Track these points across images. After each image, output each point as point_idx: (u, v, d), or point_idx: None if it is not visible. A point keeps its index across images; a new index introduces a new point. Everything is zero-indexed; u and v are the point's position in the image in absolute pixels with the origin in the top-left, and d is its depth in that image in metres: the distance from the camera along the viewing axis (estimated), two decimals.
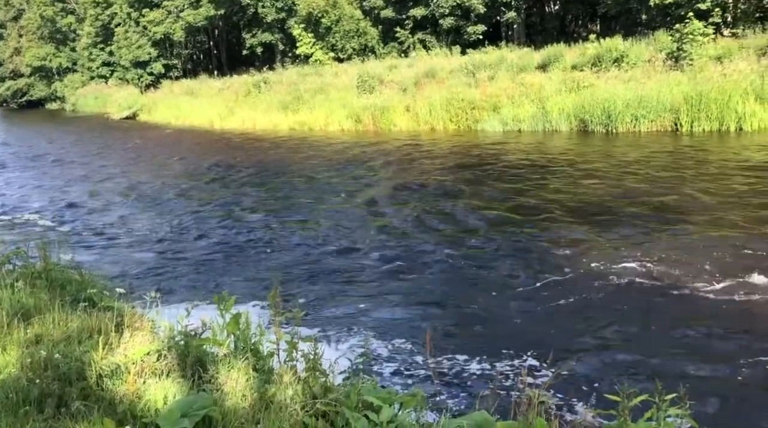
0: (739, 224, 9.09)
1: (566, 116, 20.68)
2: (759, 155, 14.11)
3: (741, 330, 5.87)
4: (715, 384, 4.94)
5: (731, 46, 21.72)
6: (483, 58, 29.00)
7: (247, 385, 3.50)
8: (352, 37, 40.24)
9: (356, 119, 26.86)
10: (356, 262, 8.85)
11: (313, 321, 6.57)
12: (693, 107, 18.11)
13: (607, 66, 23.14)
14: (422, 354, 5.57)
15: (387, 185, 14.62)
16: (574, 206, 11.04)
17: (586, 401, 3.97)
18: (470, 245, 9.26)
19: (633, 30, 29.17)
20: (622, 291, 7.01)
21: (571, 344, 5.58)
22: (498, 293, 7.29)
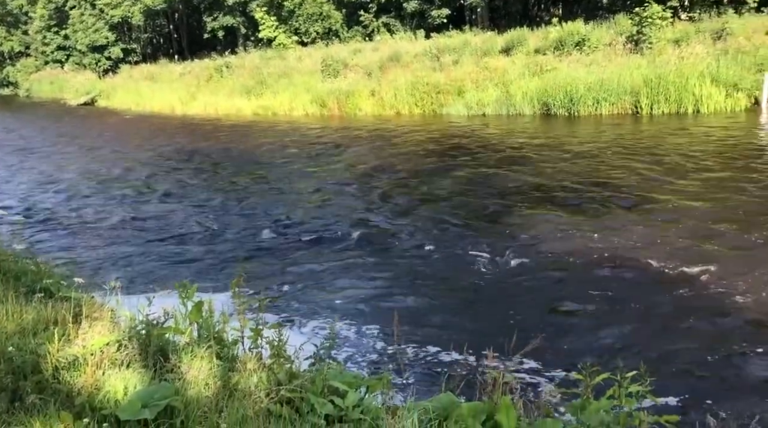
0: (697, 204, 9.30)
1: (530, 100, 20.85)
2: (715, 137, 14.45)
3: (700, 308, 6.02)
4: (676, 360, 5.07)
5: (688, 29, 22.13)
6: (447, 42, 28.96)
7: (210, 373, 3.45)
8: (316, 21, 39.75)
9: (321, 104, 26.63)
10: (322, 247, 8.80)
11: (278, 306, 6.52)
12: (652, 89, 18.45)
13: (569, 50, 23.36)
14: (389, 337, 5.58)
15: (353, 169, 14.55)
16: (538, 188, 11.16)
17: (550, 380, 4.04)
18: (436, 229, 9.29)
19: (594, 14, 29.48)
20: (585, 272, 7.13)
21: (536, 324, 5.65)
22: (464, 275, 7.33)
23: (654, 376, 3.12)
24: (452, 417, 3.19)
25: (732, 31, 20.80)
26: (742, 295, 6.16)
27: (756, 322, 5.61)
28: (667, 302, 6.20)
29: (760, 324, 5.57)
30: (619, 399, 2.91)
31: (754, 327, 5.55)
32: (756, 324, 5.59)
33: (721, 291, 6.30)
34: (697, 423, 3.18)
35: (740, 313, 5.83)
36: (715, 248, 7.42)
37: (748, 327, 5.55)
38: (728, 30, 20.91)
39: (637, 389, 2.94)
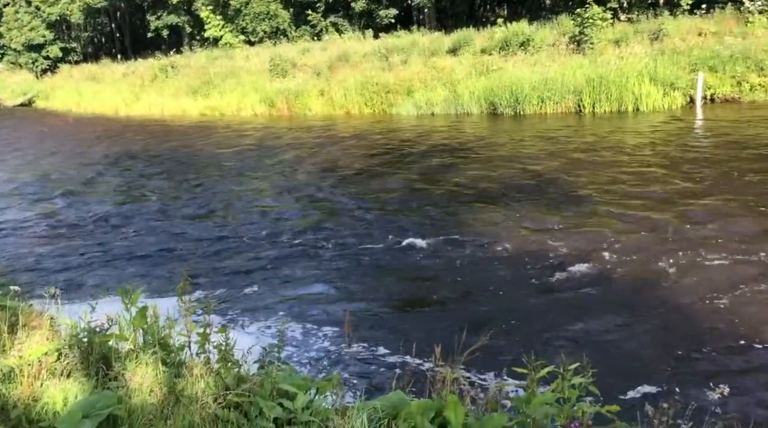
0: (638, 200, 9.62)
1: (477, 99, 21.14)
2: (653, 134, 14.97)
3: (643, 300, 6.23)
4: (618, 352, 5.23)
5: (627, 30, 22.86)
6: (395, 41, 29.10)
7: (156, 380, 3.38)
8: (263, 20, 39.29)
9: (270, 104, 26.37)
10: (270, 248, 8.71)
11: (227, 309, 6.43)
12: (594, 89, 18.97)
13: (514, 50, 23.81)
14: (341, 337, 5.58)
15: (302, 169, 14.46)
16: (486, 186, 11.34)
17: (498, 375, 4.12)
18: (386, 228, 9.32)
19: (538, 15, 30.13)
20: (534, 268, 7.28)
21: (486, 320, 5.75)
22: (414, 273, 7.39)
23: (597, 368, 3.22)
24: (401, 415, 3.21)
25: (668, 32, 21.62)
26: (685, 287, 6.41)
27: (699, 314, 5.84)
28: (612, 295, 6.39)
29: (704, 317, 5.80)
30: (562, 391, 2.98)
31: (697, 318, 5.78)
32: (699, 316, 5.82)
33: (665, 284, 6.54)
34: (638, 413, 3.28)
35: (683, 305, 6.05)
36: (657, 240, 7.68)
37: (691, 319, 5.77)
38: (664, 31, 21.72)
39: (579, 381, 3.01)
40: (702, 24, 21.97)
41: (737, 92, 18.25)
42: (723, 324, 5.55)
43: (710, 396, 3.01)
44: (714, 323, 5.60)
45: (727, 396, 3.20)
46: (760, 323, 5.51)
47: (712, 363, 4.88)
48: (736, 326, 5.50)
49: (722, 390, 3.20)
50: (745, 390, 4.38)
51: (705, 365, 4.85)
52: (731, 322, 5.58)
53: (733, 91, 18.31)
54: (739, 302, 5.95)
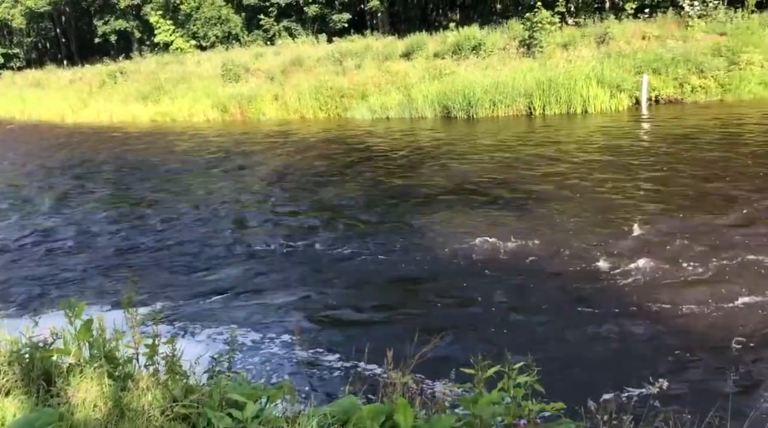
0: (588, 199, 9.87)
1: (430, 103, 21.33)
2: (601, 135, 15.37)
3: (593, 299, 6.39)
4: (566, 350, 5.36)
5: (575, 34, 23.46)
6: (349, 46, 29.15)
7: (100, 395, 3.30)
8: (215, 25, 38.82)
9: (222, 109, 26.05)
10: (219, 255, 8.60)
11: (176, 319, 6.32)
12: (544, 91, 19.36)
13: (466, 54, 24.15)
14: (292, 344, 5.55)
15: (255, 174, 14.32)
16: (440, 188, 11.44)
17: (447, 377, 4.15)
18: (340, 232, 9.32)
19: (489, 19, 30.60)
20: (486, 268, 7.37)
21: (436, 324, 5.81)
22: (367, 277, 7.40)
23: (543, 366, 3.29)
24: (352, 420, 3.22)
25: (613, 36, 22.27)
26: (631, 284, 6.59)
27: (643, 311, 6.02)
28: (559, 294, 6.53)
29: (646, 313, 5.98)
30: (509, 391, 3.03)
31: (640, 315, 5.95)
32: (642, 313, 6.00)
33: (612, 282, 6.71)
34: (586, 409, 3.36)
35: (628, 302, 6.23)
36: (605, 238, 7.89)
37: (633, 316, 5.95)
38: (610, 35, 22.37)
39: (525, 379, 3.07)
40: (646, 28, 22.71)
41: (680, 94, 18.92)
42: (665, 320, 5.74)
43: (650, 390, 3.10)
44: (656, 319, 5.78)
45: (666, 389, 3.30)
46: (702, 318, 5.71)
47: (653, 358, 5.04)
48: (678, 321, 5.70)
49: (661, 384, 3.32)
50: (684, 383, 4.54)
51: (646, 360, 5.00)
52: (673, 318, 5.77)
53: (676, 92, 18.97)
54: (681, 296, 6.16)
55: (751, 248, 7.19)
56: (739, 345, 5.14)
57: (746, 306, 5.84)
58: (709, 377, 4.56)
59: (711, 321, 5.62)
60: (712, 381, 4.45)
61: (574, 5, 28.18)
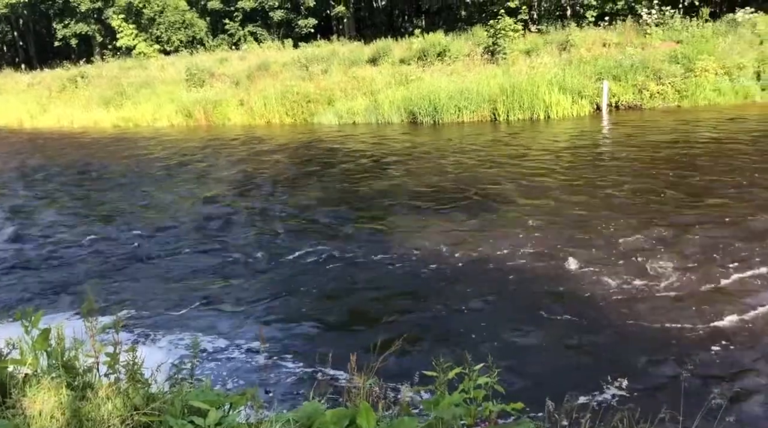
0: (549, 202, 10.04)
1: (397, 109, 21.45)
2: (564, 140, 15.68)
3: (553, 303, 6.50)
4: (526, 353, 5.45)
5: (537, 41, 23.89)
6: (315, 51, 29.15)
7: (58, 405, 3.24)
8: (179, 29, 38.41)
9: (187, 114, 25.76)
10: (183, 261, 8.50)
11: (138, 327, 6.23)
12: (508, 97, 19.66)
13: (431, 60, 24.38)
14: (256, 351, 5.52)
15: (219, 180, 14.19)
16: (406, 193, 11.51)
17: (410, 380, 4.20)
18: (306, 237, 9.30)
19: (454, 25, 30.98)
20: (453, 271, 7.44)
21: (400, 328, 5.84)
22: (330, 284, 7.38)
23: (503, 367, 3.36)
24: (315, 425, 3.23)
25: (575, 43, 22.75)
26: (591, 287, 6.74)
27: (603, 313, 6.15)
28: (525, 298, 6.63)
29: (606, 315, 6.11)
30: (469, 392, 3.08)
31: (600, 317, 6.09)
32: (602, 314, 6.14)
33: (572, 285, 6.85)
34: (546, 409, 3.42)
35: (587, 305, 6.36)
36: (571, 242, 8.04)
37: (593, 319, 6.08)
38: (571, 42, 22.85)
39: (485, 380, 3.13)
40: (606, 35, 23.27)
41: (639, 100, 19.42)
42: (624, 321, 5.88)
43: (608, 390, 3.18)
44: (616, 320, 5.92)
45: (625, 389, 3.39)
46: (660, 320, 5.87)
47: (612, 360, 5.16)
48: (637, 325, 5.84)
49: (620, 383, 3.41)
50: (642, 383, 4.66)
51: (604, 361, 5.12)
52: (632, 318, 5.92)
53: (635, 98, 19.46)
54: (639, 298, 6.32)
55: (713, 249, 7.42)
56: (692, 347, 5.30)
57: (704, 307, 6.02)
58: (664, 377, 4.68)
59: (668, 323, 5.78)
60: (667, 380, 4.57)
61: (537, 13, 28.71)
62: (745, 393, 4.35)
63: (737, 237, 7.73)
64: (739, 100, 18.82)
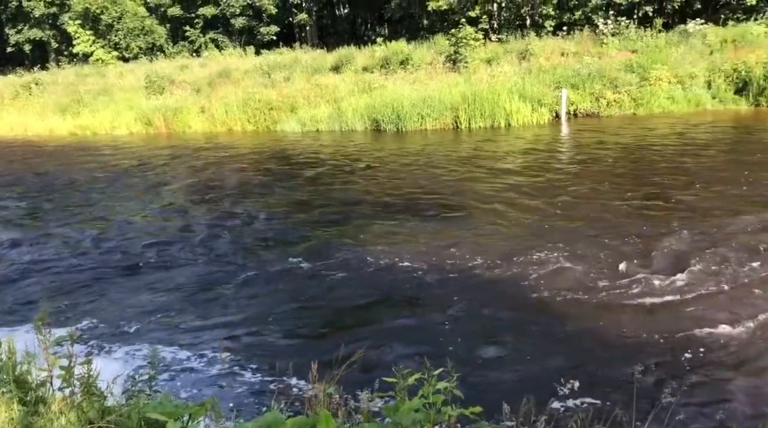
0: (509, 209, 10.19)
1: (360, 116, 21.52)
2: (524, 147, 15.94)
3: (511, 308, 6.60)
4: (484, 357, 5.52)
5: (498, 50, 24.29)
6: (278, 59, 29.07)
7: (8, 421, 3.16)
8: (138, 36, 37.83)
9: (146, 122, 25.36)
10: (141, 272, 8.35)
11: (94, 339, 6.09)
12: (469, 105, 19.91)
13: (394, 68, 24.55)
14: (217, 361, 5.46)
15: (179, 189, 14.00)
16: (369, 200, 11.53)
17: (370, 387, 4.22)
18: (265, 246, 9.23)
19: (416, 34, 31.26)
20: (414, 278, 7.48)
21: (361, 336, 5.85)
22: (291, 293, 7.34)
23: (465, 372, 3.40)
24: None
25: (534, 52, 23.21)
26: (548, 291, 6.86)
27: (562, 318, 6.27)
28: (484, 303, 6.70)
29: (562, 318, 6.23)
30: (428, 397, 3.11)
31: (556, 320, 6.21)
32: (558, 317, 6.25)
33: (536, 290, 6.96)
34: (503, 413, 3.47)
35: (545, 308, 6.48)
36: (530, 245, 8.17)
37: (548, 322, 6.19)
38: (531, 51, 23.30)
39: (444, 385, 3.16)
40: (564, 45, 23.81)
41: (596, 107, 19.89)
42: (581, 326, 6.01)
43: (561, 390, 3.25)
44: (573, 325, 6.04)
45: (577, 390, 3.47)
46: (615, 324, 6.01)
47: (569, 363, 5.26)
48: (592, 326, 5.98)
49: (573, 384, 3.48)
50: (597, 385, 4.77)
51: (561, 364, 5.22)
52: (588, 323, 6.05)
53: (593, 106, 19.93)
54: (595, 303, 6.47)
55: (671, 253, 7.63)
56: (645, 350, 5.45)
57: (658, 312, 6.19)
58: (618, 379, 4.80)
59: (623, 327, 5.92)
60: (621, 382, 4.69)
61: (497, 22, 29.18)
62: (694, 392, 4.49)
63: (693, 240, 7.97)
64: (691, 108, 19.45)
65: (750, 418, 3.98)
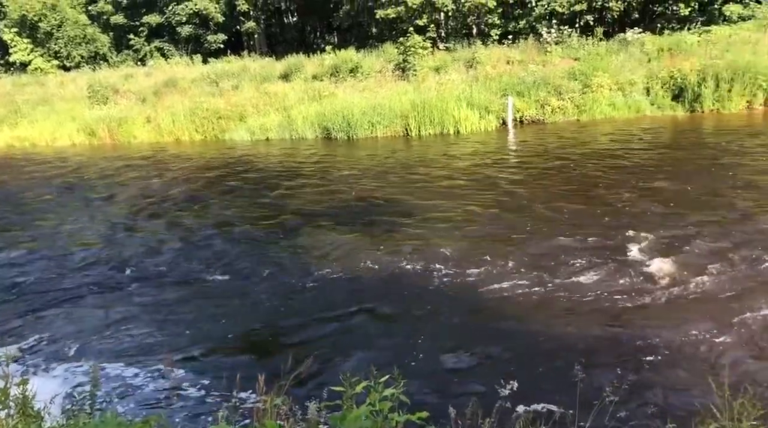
0: (458, 215, 10.33)
1: (311, 124, 21.44)
2: (472, 153, 16.18)
3: (457, 312, 6.69)
4: (429, 363, 5.57)
5: (446, 58, 24.63)
6: (226, 67, 28.75)
7: None
8: (80, 44, 36.80)
9: (90, 132, 24.65)
10: (81, 289, 8.09)
11: (34, 357, 5.87)
12: (419, 113, 20.09)
13: (344, 76, 24.60)
14: (163, 376, 5.34)
15: (123, 201, 13.64)
16: (320, 209, 11.50)
17: (318, 397, 4.20)
18: (212, 258, 9.09)
19: (365, 42, 31.42)
20: (359, 287, 7.50)
21: (310, 346, 5.83)
22: (238, 304, 7.26)
23: (412, 377, 3.42)
24: None
25: (480, 60, 23.63)
26: (495, 296, 6.98)
27: (508, 318, 6.39)
28: (431, 308, 6.77)
29: (512, 321, 6.35)
30: (375, 404, 3.12)
31: (507, 323, 6.32)
32: (508, 320, 6.37)
33: (477, 295, 7.06)
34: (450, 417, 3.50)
35: (489, 312, 6.59)
36: (476, 251, 8.29)
37: (500, 324, 6.30)
38: (477, 59, 23.71)
39: (391, 392, 3.18)
40: (509, 53, 24.31)
41: (541, 114, 20.36)
42: (524, 327, 6.13)
43: (506, 392, 3.31)
44: (516, 326, 6.17)
45: (522, 391, 3.53)
46: (558, 324, 6.17)
47: (514, 364, 5.38)
48: (535, 328, 6.11)
49: (518, 386, 3.55)
50: (541, 385, 4.89)
51: (507, 366, 5.33)
52: (531, 324, 6.19)
53: (538, 113, 20.39)
54: (538, 304, 6.62)
55: (612, 254, 7.87)
56: (588, 350, 5.60)
57: (600, 313, 6.37)
58: (562, 379, 4.91)
59: (567, 328, 6.08)
60: (564, 382, 4.80)
61: (444, 31, 29.61)
62: (634, 390, 4.64)
63: (636, 240, 8.24)
64: (632, 114, 20.12)
65: (688, 414, 4.13)
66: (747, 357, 5.23)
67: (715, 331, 5.71)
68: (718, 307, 6.22)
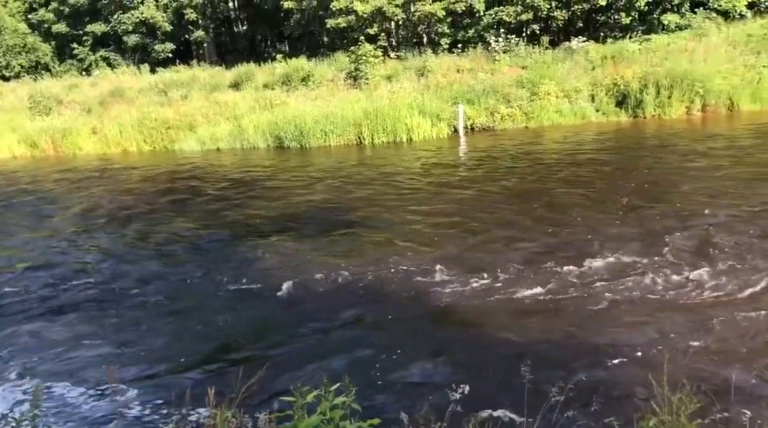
0: (412, 221, 10.41)
1: (262, 133, 21.28)
2: (425, 160, 16.34)
3: (408, 318, 6.73)
4: (385, 368, 5.59)
5: (397, 67, 24.84)
6: (174, 76, 28.31)
7: None
8: (19, 53, 35.63)
9: (31, 144, 23.90)
10: (26, 306, 7.81)
11: None
12: (372, 121, 20.18)
13: (296, 85, 24.53)
14: (108, 394, 5.19)
15: (67, 216, 13.23)
16: (272, 218, 11.41)
17: (270, 408, 4.17)
18: (161, 272, 8.91)
19: (317, 51, 31.40)
20: (312, 298, 7.46)
21: (260, 357, 5.77)
22: (186, 318, 7.12)
23: (363, 385, 3.42)
24: None
25: (431, 69, 23.92)
26: (454, 300, 7.05)
27: (462, 322, 6.46)
28: (385, 315, 6.80)
29: (465, 324, 6.43)
30: (327, 413, 3.11)
31: (461, 327, 6.39)
32: (461, 324, 6.44)
33: (438, 298, 7.13)
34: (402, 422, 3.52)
35: (448, 317, 6.66)
36: (433, 259, 8.36)
37: (454, 328, 6.37)
38: (428, 68, 23.99)
39: (342, 400, 3.18)
40: (459, 62, 24.68)
41: (491, 122, 20.72)
42: (478, 330, 6.22)
43: (458, 396, 3.36)
44: (469, 330, 6.25)
45: (473, 394, 3.58)
46: (505, 325, 6.28)
47: (462, 366, 5.45)
48: (484, 330, 6.21)
49: (469, 389, 3.60)
50: (489, 386, 4.97)
51: (454, 368, 5.40)
52: (483, 327, 6.28)
53: (488, 120, 20.74)
54: (492, 307, 6.72)
55: (561, 257, 8.05)
56: (535, 351, 5.72)
57: (548, 315, 6.52)
58: (510, 381, 5.00)
59: (514, 331, 6.19)
60: (514, 383, 4.89)
61: (395, 40, 29.86)
62: (579, 390, 4.77)
63: (584, 241, 8.46)
64: (578, 120, 20.69)
65: (632, 410, 4.26)
66: (685, 353, 5.44)
67: (655, 330, 5.91)
68: (657, 307, 6.44)
